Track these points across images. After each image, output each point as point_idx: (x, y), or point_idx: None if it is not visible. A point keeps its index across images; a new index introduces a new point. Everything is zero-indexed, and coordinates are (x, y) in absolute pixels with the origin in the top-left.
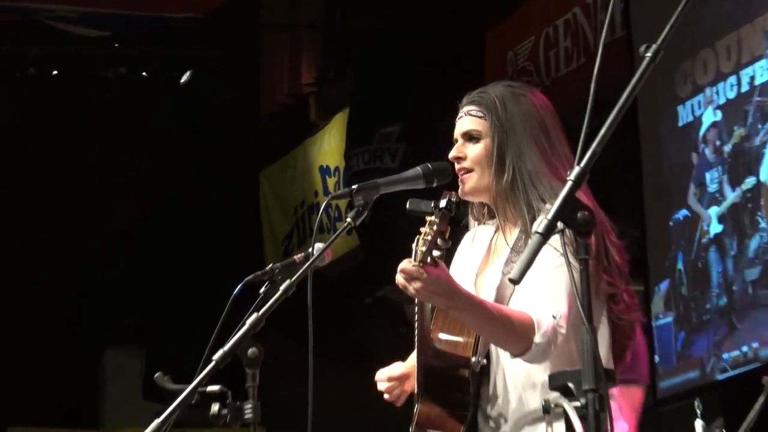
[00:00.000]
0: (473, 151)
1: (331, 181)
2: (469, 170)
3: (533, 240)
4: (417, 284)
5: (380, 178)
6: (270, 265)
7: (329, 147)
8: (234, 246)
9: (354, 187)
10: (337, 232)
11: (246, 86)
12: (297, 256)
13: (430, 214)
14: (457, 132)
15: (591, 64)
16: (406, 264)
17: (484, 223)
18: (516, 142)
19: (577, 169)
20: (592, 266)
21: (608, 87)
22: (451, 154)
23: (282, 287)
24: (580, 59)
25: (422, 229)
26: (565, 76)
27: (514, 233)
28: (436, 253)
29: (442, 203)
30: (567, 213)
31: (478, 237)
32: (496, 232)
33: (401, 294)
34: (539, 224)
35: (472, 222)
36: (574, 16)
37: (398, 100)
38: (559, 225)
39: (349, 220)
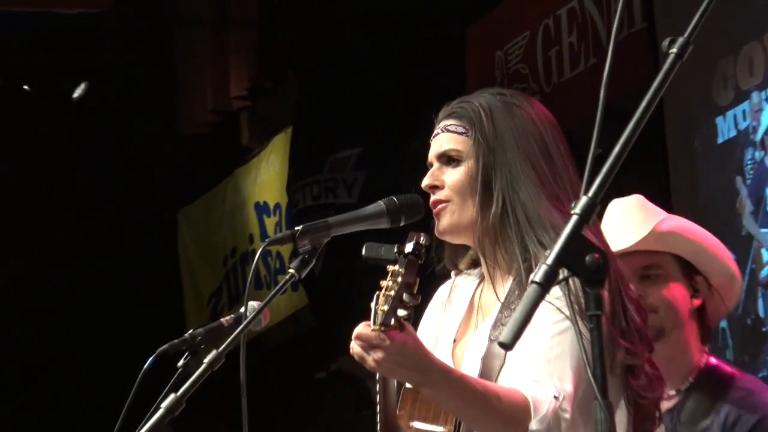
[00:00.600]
0: (452, 176)
1: (270, 222)
2: (445, 201)
3: (529, 293)
4: (378, 354)
5: (333, 216)
6: (191, 331)
7: (267, 178)
8: (147, 307)
9: (298, 228)
10: (277, 288)
11: (159, 101)
12: (226, 319)
13: (393, 263)
14: (432, 153)
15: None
16: (363, 328)
17: (466, 273)
18: (506, 164)
19: (584, 200)
20: (605, 327)
21: (625, 94)
22: (424, 182)
23: (207, 359)
24: (589, 59)
25: (383, 283)
26: (570, 81)
27: (505, 286)
28: (401, 313)
29: (409, 247)
30: (572, 256)
31: (457, 291)
32: (480, 284)
33: (362, 367)
34: (537, 272)
35: (450, 271)
36: (581, 3)
37: (356, 115)
38: (562, 272)
39: (291, 271)
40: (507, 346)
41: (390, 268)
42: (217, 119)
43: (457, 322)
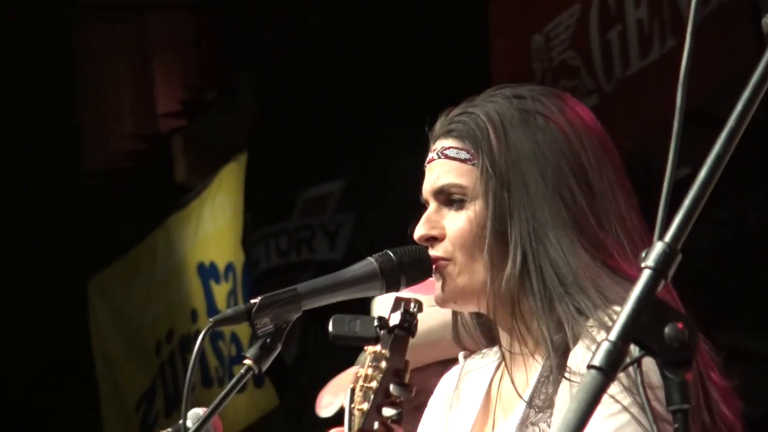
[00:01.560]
0: (454, 224)
1: (220, 291)
2: (446, 259)
3: (588, 383)
4: None
5: (306, 281)
6: None
7: (213, 228)
8: (49, 422)
9: (255, 302)
10: (229, 386)
11: (53, 124)
12: None
13: (374, 342)
14: (427, 189)
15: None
16: None
17: (479, 354)
18: (527, 204)
19: (659, 248)
20: None
21: (718, 90)
22: (417, 232)
23: None
24: (665, 42)
25: (360, 371)
26: (641, 74)
27: (529, 373)
28: (388, 412)
29: (395, 319)
30: (645, 328)
31: (467, 380)
32: (497, 369)
33: None
34: (597, 353)
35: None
36: None
37: (338, 133)
38: (633, 350)
39: (248, 362)
40: None
41: (369, 349)
42: (139, 147)
43: (470, 424)
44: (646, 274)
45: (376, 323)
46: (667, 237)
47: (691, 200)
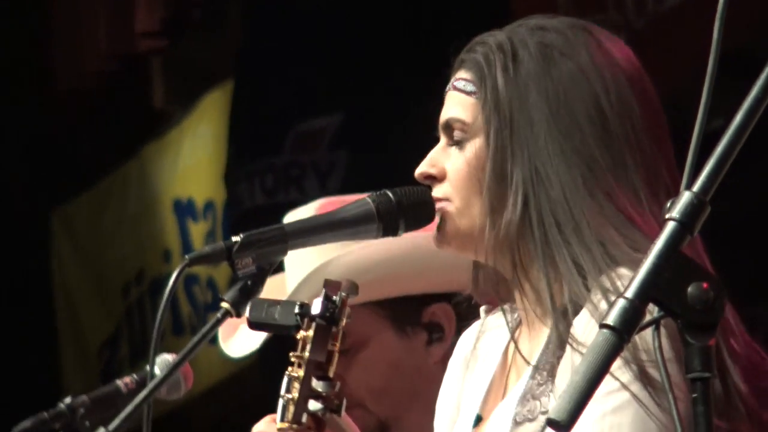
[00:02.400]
0: (453, 163)
1: (197, 230)
2: (445, 200)
3: (599, 344)
4: None
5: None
6: (68, 399)
7: (193, 161)
8: (2, 362)
9: (236, 239)
10: (203, 332)
11: (22, 40)
12: (125, 381)
13: (294, 330)
14: (440, 122)
15: None
16: (266, 426)
17: (501, 310)
18: (531, 143)
19: (686, 198)
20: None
21: (756, 33)
22: (418, 170)
23: None
24: None
25: (292, 358)
26: (676, 10)
27: (540, 335)
28: (314, 406)
29: (316, 308)
30: (667, 286)
31: (486, 339)
32: (519, 326)
33: None
34: (611, 311)
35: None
36: None
37: (335, 61)
38: (652, 310)
39: (225, 306)
40: (561, 427)
41: (300, 334)
42: (114, 68)
43: (485, 387)
44: (670, 227)
45: (297, 310)
46: (696, 187)
47: (723, 148)
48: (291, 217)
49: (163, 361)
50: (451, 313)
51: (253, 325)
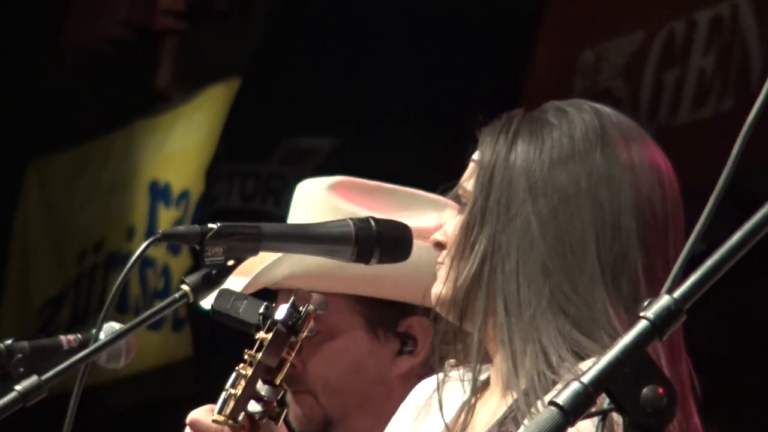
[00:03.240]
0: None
1: (166, 215)
2: (441, 264)
3: (544, 419)
4: None
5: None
6: (8, 342)
7: (180, 148)
8: None
9: (213, 226)
10: (158, 307)
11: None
12: (68, 338)
13: (254, 330)
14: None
15: (745, 116)
16: (202, 414)
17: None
18: (516, 211)
19: (664, 302)
20: None
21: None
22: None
23: (20, 386)
24: (724, 100)
25: (245, 355)
26: (689, 127)
27: (501, 406)
28: (253, 408)
29: (280, 313)
30: (623, 381)
31: (447, 391)
32: (482, 392)
33: None
34: (562, 391)
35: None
36: (734, 8)
37: (345, 87)
38: (602, 402)
39: (185, 288)
40: None
41: (259, 334)
42: (128, 37)
43: None
44: (641, 325)
45: (261, 310)
46: (677, 293)
47: (712, 263)
48: (302, 187)
49: (110, 327)
50: (429, 329)
51: (216, 313)
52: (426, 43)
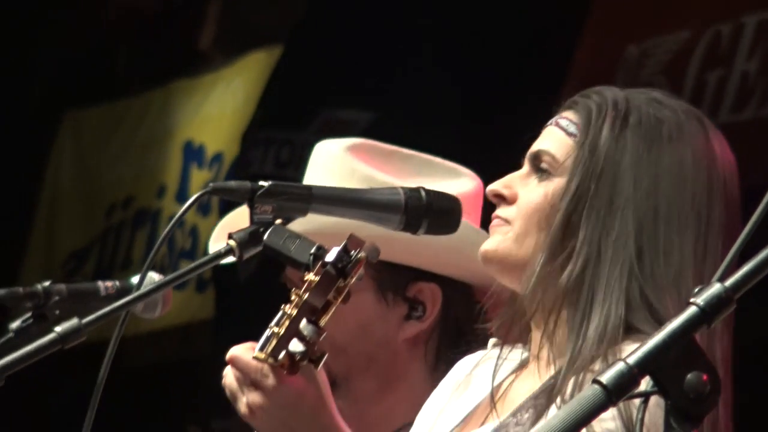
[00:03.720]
0: (529, 194)
1: (198, 176)
2: (505, 222)
3: (586, 396)
4: (255, 397)
5: (323, 186)
6: (46, 284)
7: (217, 111)
8: None
9: (263, 184)
10: (201, 260)
11: None
12: (105, 284)
13: (304, 269)
14: (529, 151)
15: None
16: (244, 351)
17: (512, 347)
18: (606, 205)
19: (714, 290)
20: None
21: None
22: (491, 186)
23: (59, 328)
24: (766, 103)
25: (292, 296)
26: (727, 127)
27: (540, 379)
28: (295, 348)
29: (331, 255)
30: (668, 365)
31: (485, 368)
32: (522, 368)
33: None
34: (607, 370)
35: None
36: None
37: (385, 63)
38: (645, 384)
39: (231, 243)
40: None
41: (307, 275)
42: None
43: (465, 412)
44: (691, 310)
45: (313, 250)
46: (728, 281)
47: (766, 255)
48: (320, 147)
49: (150, 278)
50: (439, 296)
51: (268, 249)
52: (471, 23)
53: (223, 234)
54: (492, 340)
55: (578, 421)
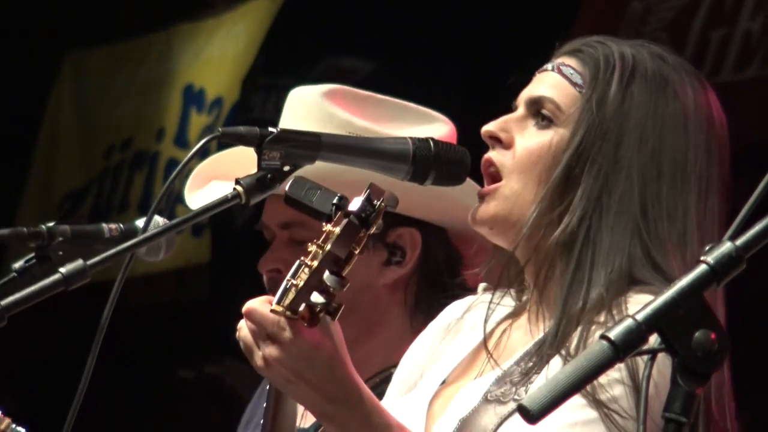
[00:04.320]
0: (527, 140)
1: (198, 120)
2: (497, 178)
3: (594, 351)
4: (271, 350)
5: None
6: (51, 224)
7: (219, 55)
8: None
9: (273, 130)
10: (206, 205)
11: None
12: (110, 226)
13: (325, 219)
14: (524, 94)
15: None
16: (260, 304)
17: (502, 293)
18: (615, 162)
19: (725, 248)
20: None
21: None
22: (486, 126)
23: (64, 269)
24: (767, 65)
25: (310, 247)
26: (728, 87)
27: (538, 328)
28: (316, 299)
29: (355, 205)
30: (676, 323)
31: (476, 313)
32: (518, 316)
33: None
34: (615, 327)
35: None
36: None
37: (389, 14)
38: (653, 340)
39: (239, 188)
40: (530, 416)
41: (326, 227)
42: None
43: (460, 357)
44: (701, 269)
45: (335, 201)
46: (739, 241)
47: None
48: (296, 93)
49: (155, 221)
50: (418, 240)
51: (289, 200)
52: None
53: (197, 183)
54: (482, 285)
55: (586, 376)
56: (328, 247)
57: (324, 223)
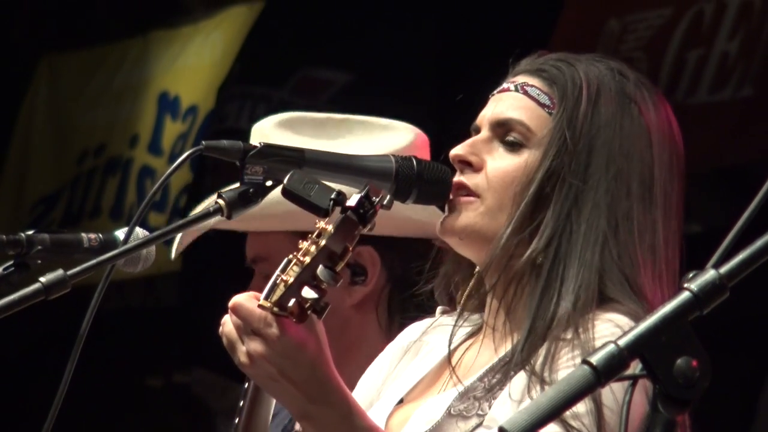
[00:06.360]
0: (499, 162)
1: (172, 128)
2: (474, 195)
3: (576, 376)
4: (255, 346)
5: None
6: (30, 232)
7: (195, 62)
8: None
9: (257, 144)
10: (188, 219)
11: None
12: (89, 236)
13: (322, 215)
14: (487, 115)
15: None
16: (247, 300)
17: (457, 315)
18: (582, 180)
19: (709, 276)
20: None
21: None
22: (455, 150)
23: (44, 279)
24: (743, 87)
25: (302, 244)
26: (703, 109)
27: (499, 346)
28: (308, 294)
29: (352, 200)
30: (659, 350)
31: (435, 335)
32: (475, 336)
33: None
34: (598, 352)
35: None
36: None
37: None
38: (634, 367)
39: (221, 202)
40: None
41: (319, 223)
42: None
43: (418, 377)
44: (684, 296)
45: (333, 196)
46: (723, 269)
47: (762, 243)
48: (255, 126)
49: (139, 233)
50: (377, 258)
51: (287, 193)
52: None
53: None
54: (440, 308)
55: (567, 400)
56: (324, 241)
57: (319, 219)
